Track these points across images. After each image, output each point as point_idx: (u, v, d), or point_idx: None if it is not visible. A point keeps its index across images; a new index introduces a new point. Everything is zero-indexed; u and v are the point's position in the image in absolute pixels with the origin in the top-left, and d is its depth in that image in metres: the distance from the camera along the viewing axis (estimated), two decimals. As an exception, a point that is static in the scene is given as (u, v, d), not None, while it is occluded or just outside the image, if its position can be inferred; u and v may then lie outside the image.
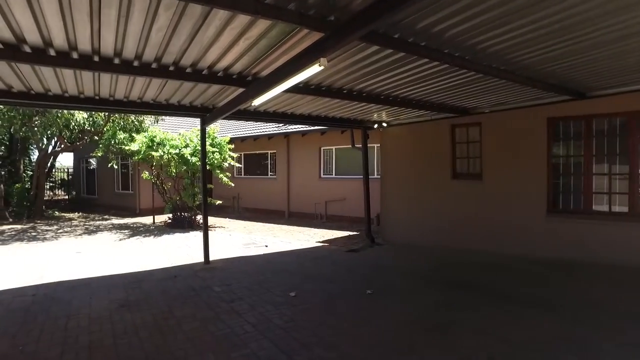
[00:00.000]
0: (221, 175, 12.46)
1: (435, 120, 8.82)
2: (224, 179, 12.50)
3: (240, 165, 15.93)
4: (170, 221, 13.17)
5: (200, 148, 7.90)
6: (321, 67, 3.52)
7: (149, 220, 14.59)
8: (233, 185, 13.24)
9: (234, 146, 13.20)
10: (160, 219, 14.27)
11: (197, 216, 12.96)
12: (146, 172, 13.02)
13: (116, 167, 15.49)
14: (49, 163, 18.99)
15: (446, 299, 5.42)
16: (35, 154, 18.65)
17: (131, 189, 17.50)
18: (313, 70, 3.68)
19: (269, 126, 15.85)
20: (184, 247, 9.44)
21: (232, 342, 4.10)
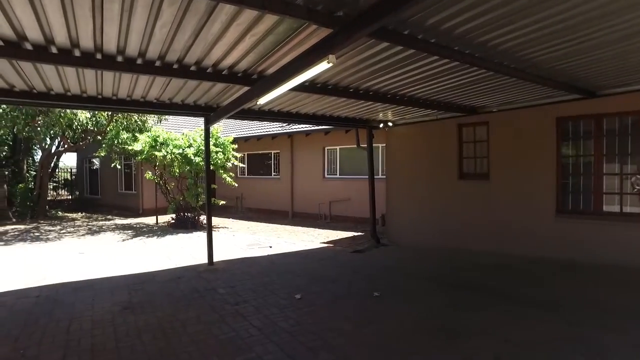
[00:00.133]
0: (225, 175, 12.38)
1: (441, 119, 8.72)
2: (228, 179, 12.42)
3: (243, 165, 15.87)
4: (173, 221, 13.11)
5: (204, 148, 7.82)
6: (330, 64, 3.43)
7: (152, 220, 14.53)
8: (236, 186, 13.16)
9: (237, 146, 13.11)
10: (163, 219, 14.21)
11: (201, 216, 12.90)
12: (149, 172, 12.96)
13: (119, 167, 15.47)
14: (52, 163, 18.99)
15: (453, 300, 5.33)
16: (38, 154, 18.68)
17: (134, 189, 17.46)
18: (321, 67, 3.59)
19: (273, 126, 15.77)
20: (187, 248, 9.36)
21: (236, 345, 4.02)
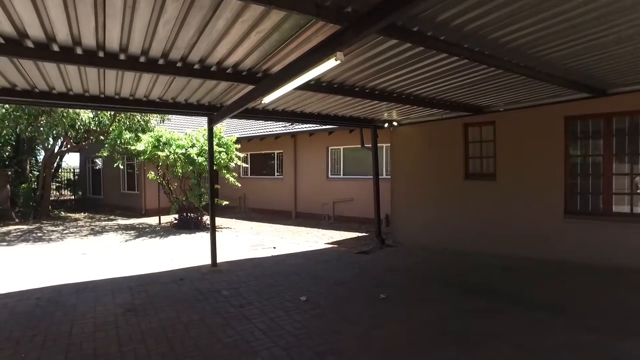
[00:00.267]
0: (228, 175, 12.29)
1: (447, 119, 8.61)
2: (231, 179, 12.34)
3: (246, 166, 15.77)
4: (176, 222, 13.04)
5: (208, 148, 7.74)
6: (337, 61, 3.35)
7: (154, 220, 14.47)
8: (240, 186, 13.08)
9: (240, 146, 13.03)
10: (166, 220, 14.14)
11: (204, 217, 12.82)
12: (152, 172, 12.90)
13: (122, 167, 15.41)
14: (55, 163, 18.96)
15: (461, 303, 5.24)
16: (41, 155, 18.61)
17: (137, 189, 17.40)
18: (329, 65, 3.50)
19: (276, 126, 15.68)
20: (190, 249, 9.28)
21: (241, 350, 3.94)
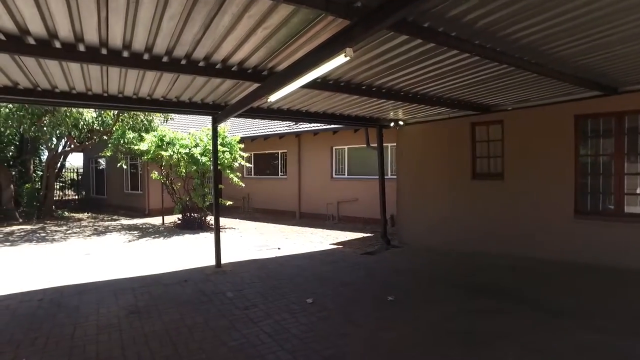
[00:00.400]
0: (231, 175, 12.20)
1: (453, 118, 8.50)
2: (235, 179, 12.24)
3: (250, 165, 15.69)
4: (179, 222, 12.97)
5: (212, 147, 7.65)
6: (347, 57, 3.24)
7: (158, 221, 14.40)
8: (244, 186, 12.98)
9: (243, 146, 12.93)
10: (169, 220, 14.08)
11: (207, 217, 12.74)
12: (155, 172, 12.82)
13: (125, 167, 15.35)
14: (59, 163, 18.94)
15: (468, 304, 5.14)
16: (45, 155, 18.60)
17: (140, 189, 17.34)
18: (338, 61, 3.40)
19: (280, 125, 15.59)
20: (193, 249, 9.21)
21: (247, 353, 3.85)
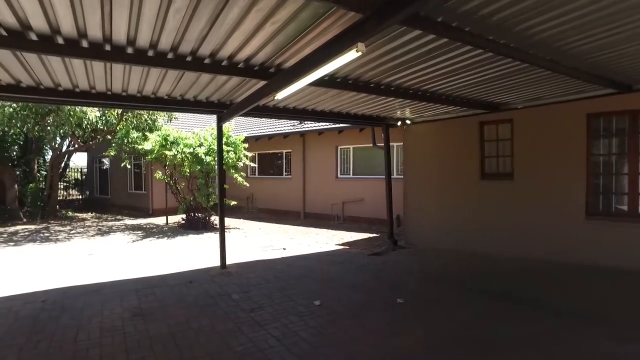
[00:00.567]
0: (236, 175, 12.08)
1: (462, 117, 8.36)
2: (239, 178, 12.13)
3: (254, 165, 15.57)
4: (183, 222, 12.89)
5: (217, 146, 7.53)
6: (359, 53, 3.13)
7: (162, 221, 14.33)
8: (248, 185, 12.87)
9: (247, 145, 12.83)
10: (173, 220, 14.00)
11: (211, 217, 12.65)
12: (159, 172, 12.74)
13: (129, 166, 15.28)
14: (63, 163, 18.92)
15: (481, 308, 5.01)
16: (49, 154, 18.57)
17: (144, 189, 17.28)
18: (349, 57, 3.28)
19: (284, 125, 15.49)
20: (198, 250, 9.11)
21: (255, 358, 3.75)
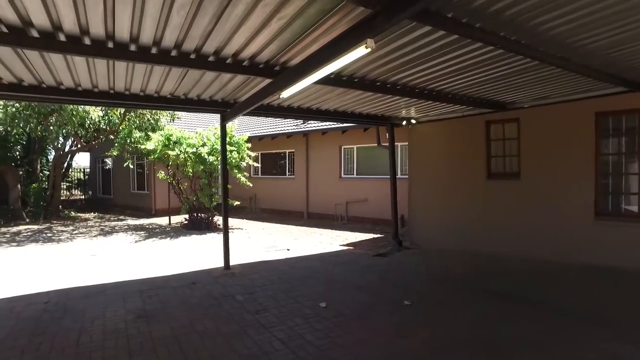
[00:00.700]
0: (239, 175, 12.01)
1: (467, 116, 8.25)
2: (242, 179, 12.06)
3: (257, 165, 15.49)
4: (186, 222, 12.82)
5: (221, 146, 7.45)
6: (368, 49, 3.04)
7: (164, 221, 14.28)
8: (251, 185, 12.79)
9: (250, 145, 12.74)
10: (176, 220, 13.94)
11: (214, 217, 12.58)
12: (162, 172, 12.68)
13: (132, 166, 15.24)
14: (66, 163, 18.90)
15: (488, 310, 4.93)
16: (52, 154, 18.56)
17: (147, 189, 17.24)
18: (358, 53, 3.19)
19: (288, 125, 15.41)
20: (201, 250, 9.04)
21: (261, 362, 3.66)
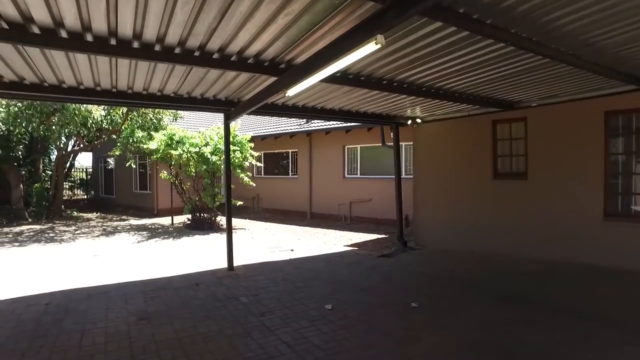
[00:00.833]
0: (242, 175, 11.93)
1: (474, 115, 8.15)
2: (245, 178, 11.97)
3: (260, 165, 15.41)
4: (189, 222, 12.76)
5: (224, 146, 7.36)
6: (378, 45, 2.95)
7: (167, 221, 14.21)
8: (254, 185, 12.71)
9: (253, 145, 12.66)
10: (178, 220, 13.87)
11: (217, 217, 12.51)
12: (164, 172, 12.61)
13: (134, 166, 15.19)
14: (68, 163, 18.88)
15: (498, 312, 4.84)
16: (54, 154, 18.54)
17: (149, 189, 17.18)
18: (367, 50, 3.10)
19: (291, 124, 15.33)
20: (204, 251, 8.96)
21: (266, 366, 3.58)
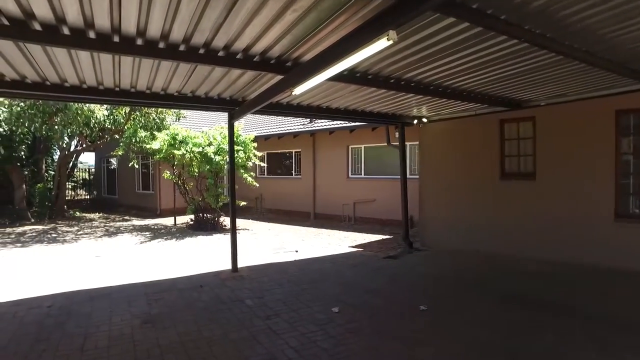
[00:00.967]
0: (245, 175, 11.84)
1: (481, 115, 8.04)
2: (248, 179, 11.88)
3: (264, 165, 15.32)
4: (192, 223, 12.68)
5: (228, 145, 7.27)
6: (390, 41, 2.85)
7: (170, 221, 14.15)
8: (257, 186, 12.61)
9: (256, 145, 12.58)
10: (181, 220, 13.80)
11: (221, 218, 12.43)
12: (167, 172, 12.53)
13: (137, 166, 15.12)
14: (71, 163, 18.84)
15: (509, 315, 4.74)
16: (57, 154, 18.50)
17: (152, 189, 17.12)
18: (378, 46, 3.00)
19: (294, 124, 15.23)
20: (207, 252, 8.88)
21: (273, 372, 3.48)
